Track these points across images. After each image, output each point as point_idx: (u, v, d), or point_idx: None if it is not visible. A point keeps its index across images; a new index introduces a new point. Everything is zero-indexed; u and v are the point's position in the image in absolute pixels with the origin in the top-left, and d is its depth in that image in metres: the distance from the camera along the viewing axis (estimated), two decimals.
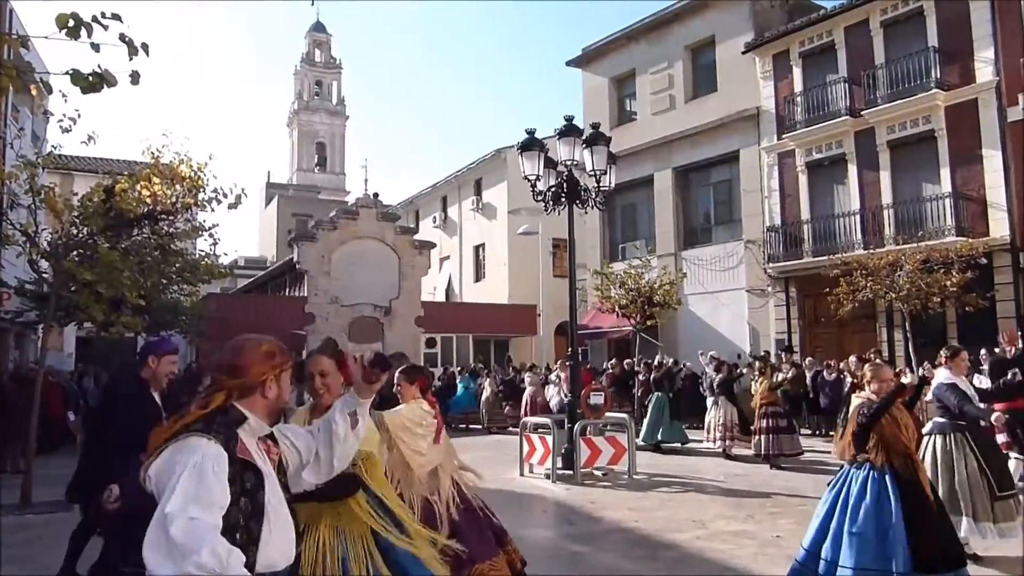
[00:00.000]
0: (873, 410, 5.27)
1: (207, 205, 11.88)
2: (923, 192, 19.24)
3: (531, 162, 12.73)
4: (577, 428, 11.77)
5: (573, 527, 8.79)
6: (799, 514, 8.87)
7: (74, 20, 4.05)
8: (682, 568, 6.84)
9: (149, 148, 11.74)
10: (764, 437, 12.93)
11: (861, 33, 20.75)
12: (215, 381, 2.49)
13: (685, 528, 8.30)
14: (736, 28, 23.89)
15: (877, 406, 5.27)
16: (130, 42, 4.20)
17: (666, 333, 23.45)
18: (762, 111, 23.03)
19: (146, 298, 12.33)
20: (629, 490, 11.02)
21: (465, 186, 36.32)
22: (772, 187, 22.63)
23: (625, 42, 27.68)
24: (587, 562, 7.15)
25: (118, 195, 10.79)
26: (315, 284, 23.13)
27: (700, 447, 15.10)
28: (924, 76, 19.02)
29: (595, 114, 25.80)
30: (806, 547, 5.42)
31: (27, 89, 4.68)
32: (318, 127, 69.17)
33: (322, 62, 71.17)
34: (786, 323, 21.83)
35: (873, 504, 5.16)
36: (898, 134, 19.69)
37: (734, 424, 14.16)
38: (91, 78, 4.22)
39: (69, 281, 10.95)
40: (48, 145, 14.94)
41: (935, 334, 16.50)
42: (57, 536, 8.04)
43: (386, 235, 24.33)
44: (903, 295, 16.28)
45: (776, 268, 21.87)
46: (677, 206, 25.69)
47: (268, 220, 55.14)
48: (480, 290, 34.49)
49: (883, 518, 5.09)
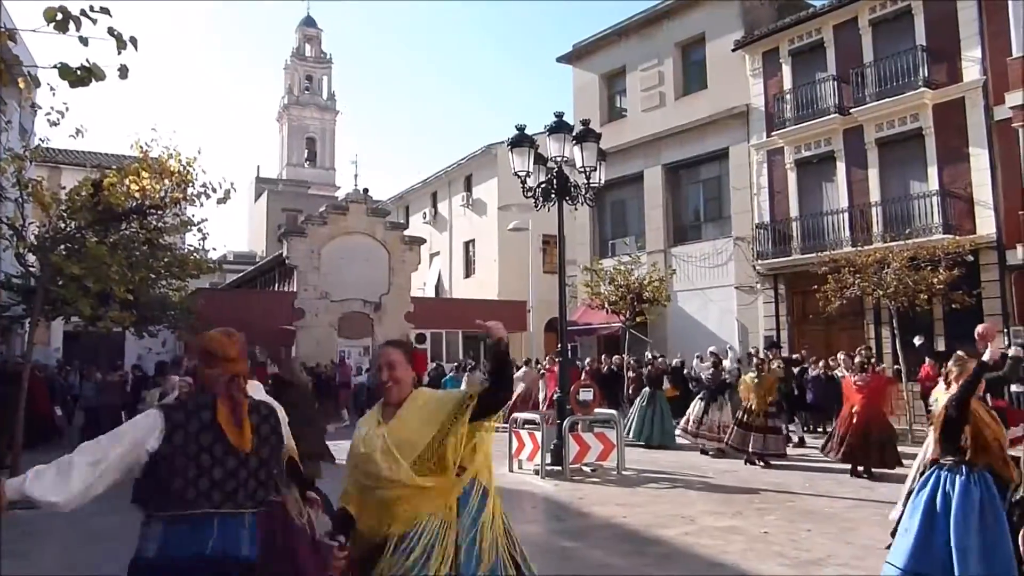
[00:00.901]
0: (957, 398, 4.79)
1: (196, 200, 11.86)
2: (911, 190, 19.34)
3: (521, 158, 12.73)
4: (566, 424, 11.80)
5: (561, 523, 8.81)
6: (787, 510, 8.93)
7: (62, 13, 4.03)
8: (670, 564, 6.87)
9: (138, 142, 11.70)
10: (756, 435, 12.82)
11: (850, 31, 20.83)
12: None
13: (673, 524, 8.32)
14: (726, 25, 23.94)
15: (960, 391, 4.80)
16: (119, 36, 4.17)
17: (655, 330, 23.52)
18: (751, 108, 23.10)
19: (134, 293, 12.27)
20: (618, 486, 11.06)
21: (455, 182, 36.29)
22: (761, 184, 22.71)
23: (616, 39, 27.70)
24: (575, 558, 7.16)
25: (106, 189, 10.74)
26: (304, 279, 23.13)
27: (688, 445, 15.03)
28: (912, 75, 19.12)
29: (585, 111, 25.84)
30: (902, 566, 4.81)
31: (15, 82, 4.65)
32: (308, 122, 68.96)
33: (312, 57, 70.91)
34: (774, 320, 21.92)
35: (977, 513, 4.60)
36: (886, 132, 19.79)
37: (724, 425, 14.01)
38: (79, 72, 4.20)
39: (56, 275, 10.90)
40: (36, 138, 14.85)
41: (922, 331, 16.59)
42: (46, 531, 8.04)
43: (376, 231, 24.35)
44: (890, 292, 16.35)
45: (765, 265, 21.95)
46: (667, 203, 25.74)
47: (257, 215, 54.94)
48: (470, 286, 34.47)
49: (990, 529, 4.54)
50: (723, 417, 14.00)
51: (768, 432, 12.77)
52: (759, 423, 12.73)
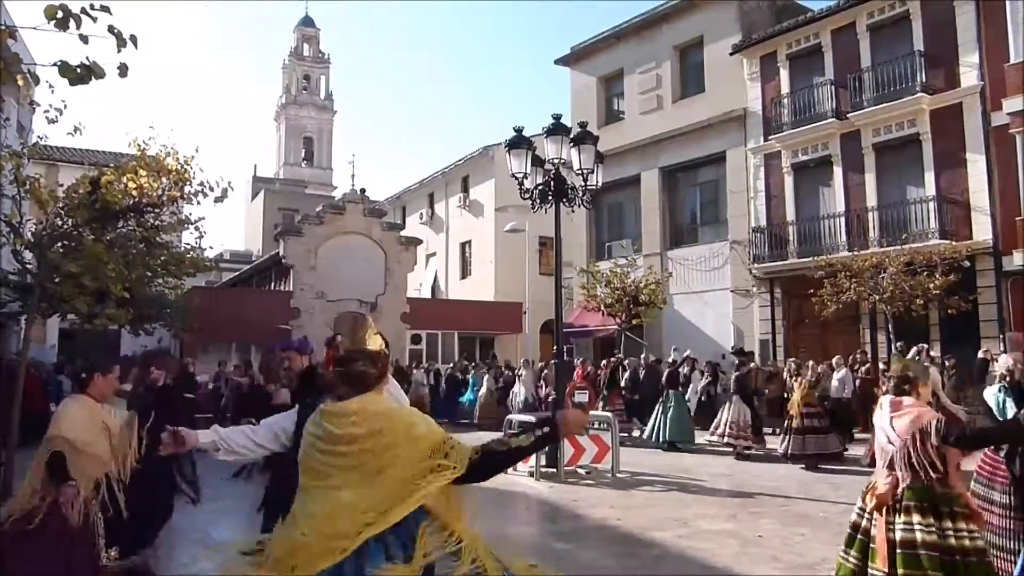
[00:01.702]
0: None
1: (193, 198, 11.81)
2: (907, 195, 19.39)
3: (518, 160, 12.73)
4: None
5: (555, 525, 8.82)
6: (781, 514, 8.94)
7: (63, 11, 4.03)
8: (663, 566, 6.88)
9: (135, 140, 11.67)
10: (801, 438, 12.75)
11: (848, 36, 20.87)
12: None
13: (667, 527, 8.33)
14: (724, 29, 23.98)
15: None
16: (119, 34, 4.17)
17: (651, 332, 23.53)
18: (749, 112, 23.14)
19: (130, 291, 12.22)
20: (612, 488, 11.06)
21: (452, 183, 36.29)
22: (758, 188, 22.75)
23: (614, 42, 27.74)
24: (569, 560, 7.16)
25: (104, 187, 10.71)
26: (301, 279, 23.09)
27: (707, 447, 15.02)
28: (910, 80, 19.17)
29: (583, 113, 25.85)
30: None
31: (14, 80, 4.65)
32: (305, 121, 68.85)
33: (310, 56, 70.82)
34: (770, 324, 21.95)
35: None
36: (883, 137, 19.83)
37: (747, 425, 14.01)
38: (79, 70, 4.20)
39: (53, 272, 10.87)
40: (34, 136, 14.84)
41: (918, 336, 16.62)
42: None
43: (372, 231, 24.33)
44: (887, 297, 16.40)
45: (761, 269, 21.98)
46: (663, 206, 25.77)
47: (254, 214, 54.88)
48: (466, 287, 34.47)
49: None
50: (746, 417, 14.07)
51: (820, 433, 12.82)
52: (809, 425, 12.83)
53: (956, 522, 4.22)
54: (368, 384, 2.77)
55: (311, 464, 2.70)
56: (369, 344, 2.84)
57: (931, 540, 4.18)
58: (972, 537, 4.20)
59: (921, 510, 4.28)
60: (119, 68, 4.32)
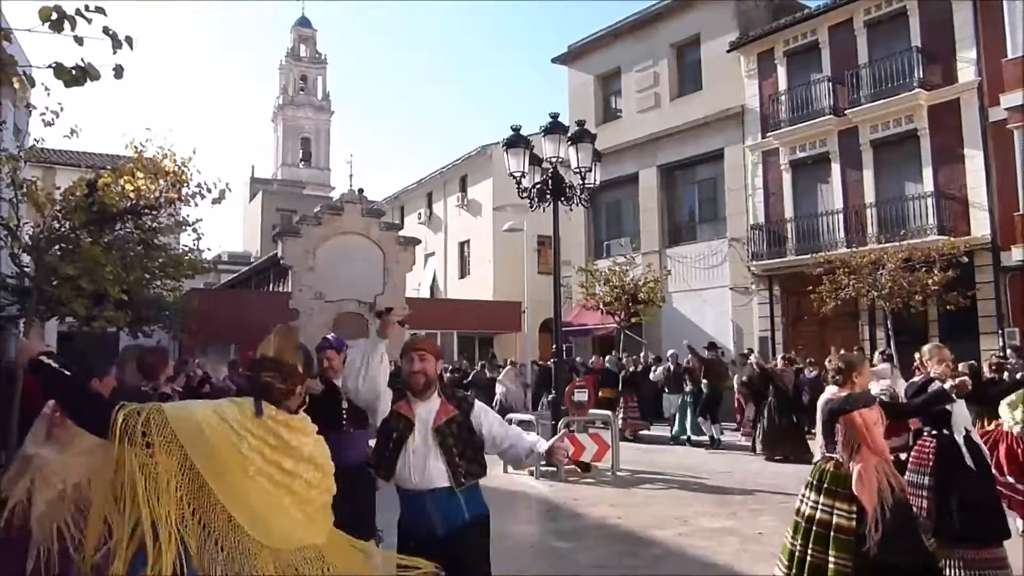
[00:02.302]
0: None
1: (191, 200, 11.81)
2: (905, 191, 19.38)
3: (516, 159, 12.74)
4: (561, 424, 11.80)
5: (556, 524, 8.82)
6: (782, 511, 8.91)
7: (57, 13, 4.02)
8: (663, 565, 6.87)
9: (132, 142, 11.66)
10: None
11: (845, 33, 20.86)
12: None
13: (667, 525, 8.33)
14: (721, 27, 23.97)
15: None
16: (114, 35, 4.17)
17: (650, 331, 23.52)
18: (747, 109, 23.13)
19: (129, 293, 12.23)
20: (612, 487, 11.06)
21: (450, 182, 36.27)
22: (756, 185, 22.74)
23: (611, 40, 27.70)
24: (569, 559, 7.17)
25: (101, 189, 10.70)
26: (299, 279, 23.05)
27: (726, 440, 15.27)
28: (907, 76, 19.16)
29: (581, 111, 25.85)
30: None
31: (9, 82, 4.64)
32: (303, 122, 68.86)
33: (307, 57, 70.84)
34: (769, 321, 21.94)
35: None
36: (881, 133, 19.82)
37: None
38: (74, 72, 4.19)
39: (51, 275, 10.86)
40: (30, 139, 14.82)
41: (917, 332, 16.63)
42: None
43: (371, 231, 24.28)
44: (885, 293, 16.40)
45: (760, 266, 21.97)
46: (662, 204, 25.76)
47: (252, 215, 54.87)
48: (465, 286, 34.46)
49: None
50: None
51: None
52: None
53: (836, 501, 4.83)
54: (273, 397, 2.77)
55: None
56: (286, 358, 2.83)
57: (821, 518, 4.88)
58: (848, 516, 4.76)
59: (818, 489, 4.99)
60: (115, 69, 4.32)
